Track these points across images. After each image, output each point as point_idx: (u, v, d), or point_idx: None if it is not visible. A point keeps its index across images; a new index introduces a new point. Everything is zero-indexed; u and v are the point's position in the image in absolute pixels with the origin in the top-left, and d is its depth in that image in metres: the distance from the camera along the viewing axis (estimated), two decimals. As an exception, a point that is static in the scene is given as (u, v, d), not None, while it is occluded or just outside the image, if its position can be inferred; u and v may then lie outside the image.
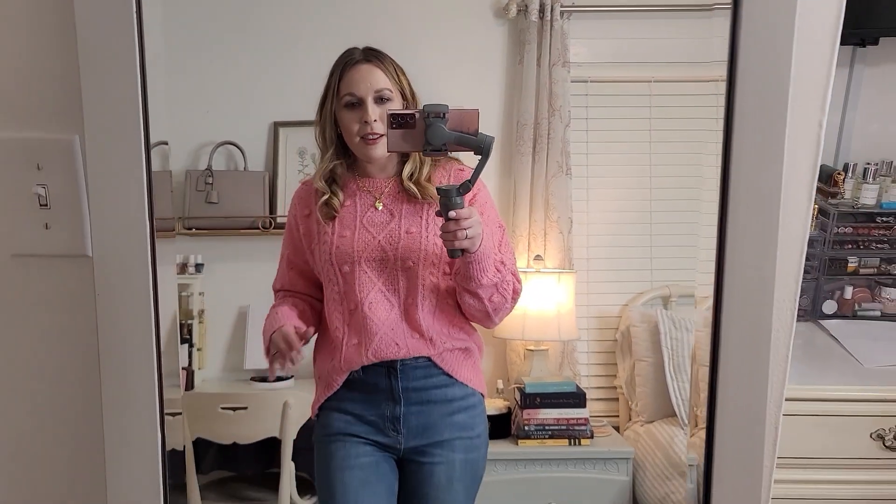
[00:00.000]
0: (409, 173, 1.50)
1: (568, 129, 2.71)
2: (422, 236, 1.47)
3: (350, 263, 1.48)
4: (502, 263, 1.48)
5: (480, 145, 1.25)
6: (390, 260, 1.48)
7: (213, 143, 2.69)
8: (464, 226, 1.32)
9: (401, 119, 1.25)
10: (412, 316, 1.48)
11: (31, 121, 0.77)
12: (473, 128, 1.25)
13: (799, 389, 1.68)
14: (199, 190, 2.64)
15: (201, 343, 2.70)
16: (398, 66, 1.53)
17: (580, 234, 2.78)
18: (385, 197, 1.52)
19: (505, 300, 1.49)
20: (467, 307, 1.49)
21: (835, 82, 0.97)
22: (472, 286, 1.43)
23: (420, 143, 1.25)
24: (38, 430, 0.94)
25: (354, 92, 1.48)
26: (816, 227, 2.10)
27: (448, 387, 1.52)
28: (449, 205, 1.31)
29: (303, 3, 2.74)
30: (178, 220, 2.63)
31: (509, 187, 2.74)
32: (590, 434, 2.40)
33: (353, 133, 1.48)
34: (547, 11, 2.70)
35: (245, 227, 2.63)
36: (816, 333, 2.07)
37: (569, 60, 2.72)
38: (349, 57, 1.52)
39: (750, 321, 1.00)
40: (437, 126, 1.23)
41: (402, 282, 1.48)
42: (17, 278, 0.84)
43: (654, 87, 2.80)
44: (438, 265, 1.49)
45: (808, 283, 2.11)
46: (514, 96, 2.74)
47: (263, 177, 2.69)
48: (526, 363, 2.60)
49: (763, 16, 0.81)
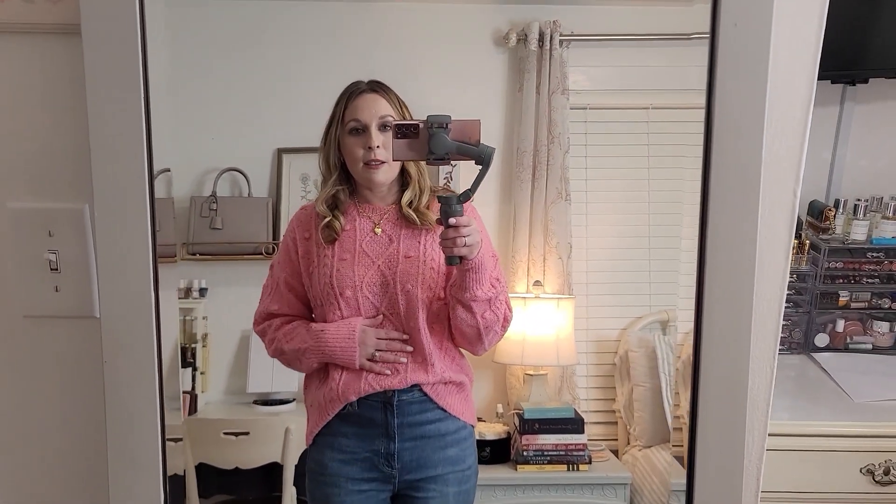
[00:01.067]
0: (408, 201, 1.57)
1: (567, 156, 2.75)
2: (419, 260, 1.53)
3: (351, 288, 1.52)
4: (497, 280, 1.54)
5: (481, 155, 1.32)
6: (390, 284, 1.52)
7: (218, 170, 2.73)
8: (463, 233, 1.39)
9: (405, 129, 1.31)
10: (414, 339, 1.53)
11: (44, 191, 0.81)
12: (475, 138, 1.31)
13: (789, 425, 1.71)
14: (204, 216, 2.68)
15: (205, 367, 2.74)
16: (401, 98, 1.61)
17: (579, 260, 2.81)
18: (384, 222, 1.57)
19: (497, 319, 1.53)
20: (459, 323, 1.53)
21: (825, 119, 1.01)
22: (467, 297, 1.47)
23: (423, 152, 1.31)
24: (47, 471, 0.98)
25: (359, 118, 1.55)
26: (808, 262, 2.14)
27: (441, 421, 1.56)
28: (449, 212, 1.37)
29: (306, 32, 2.78)
30: (183, 246, 2.67)
31: (509, 213, 2.78)
32: (587, 459, 2.43)
33: (357, 158, 1.55)
34: (546, 40, 2.74)
35: (248, 253, 2.68)
36: (808, 366, 2.10)
37: (568, 88, 2.76)
38: (355, 87, 1.61)
39: (728, 360, 1.03)
40: (440, 136, 1.29)
41: (402, 305, 1.53)
42: (29, 338, 0.88)
43: (651, 114, 2.83)
44: (436, 289, 1.54)
45: (801, 317, 2.14)
46: (514, 123, 2.78)
47: (267, 203, 2.73)
48: (525, 388, 2.62)
49: (738, 50, 0.83)
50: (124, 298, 0.84)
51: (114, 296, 0.84)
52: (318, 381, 1.59)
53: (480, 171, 1.34)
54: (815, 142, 2.10)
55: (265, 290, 1.68)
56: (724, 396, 0.90)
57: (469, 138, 1.31)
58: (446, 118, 1.30)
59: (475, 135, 1.32)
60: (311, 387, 1.62)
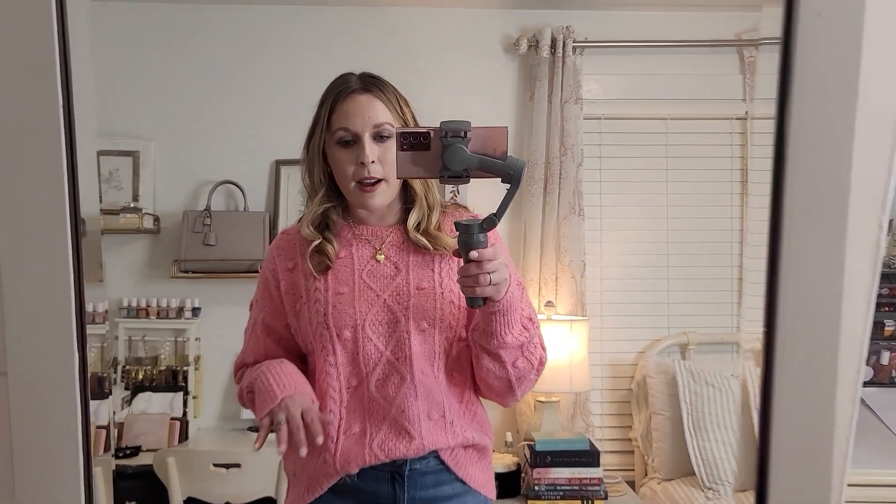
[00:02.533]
0: (415, 222, 1.27)
1: (580, 169, 2.60)
2: (436, 293, 1.23)
3: (352, 328, 1.21)
4: (530, 321, 1.22)
5: (509, 171, 1.04)
6: (400, 322, 1.21)
7: (212, 183, 2.60)
8: (487, 268, 1.09)
9: (412, 139, 1.06)
10: (430, 393, 1.22)
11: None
12: (501, 150, 1.05)
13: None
14: (197, 231, 2.54)
15: (197, 391, 2.60)
16: (401, 95, 1.29)
17: (593, 278, 2.66)
18: (387, 247, 1.27)
19: (531, 366, 1.23)
20: (486, 375, 1.23)
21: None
22: (494, 345, 1.18)
23: (436, 167, 1.05)
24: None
25: (349, 127, 1.22)
26: (849, 286, 1.97)
27: (461, 496, 1.25)
28: (470, 243, 1.09)
29: (306, 40, 2.65)
30: (175, 264, 2.53)
31: (519, 229, 2.63)
32: (603, 495, 2.26)
33: (347, 176, 1.23)
34: (559, 47, 2.60)
35: (244, 271, 2.53)
36: (850, 400, 1.93)
37: (581, 97, 2.62)
38: (344, 84, 1.26)
39: (809, 413, 0.85)
40: (457, 148, 1.04)
41: (415, 350, 1.21)
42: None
43: (670, 125, 2.69)
44: (457, 328, 1.24)
45: (840, 345, 1.98)
46: (525, 134, 2.64)
47: (263, 217, 2.59)
48: (536, 415, 2.47)
49: (821, 47, 0.64)
50: (37, 352, 0.69)
51: (25, 349, 0.69)
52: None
53: (509, 191, 1.06)
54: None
55: (245, 335, 1.36)
56: (805, 445, 0.72)
57: (493, 150, 1.05)
58: (464, 125, 1.04)
59: (501, 145, 1.05)
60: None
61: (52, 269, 0.65)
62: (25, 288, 0.67)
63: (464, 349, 1.26)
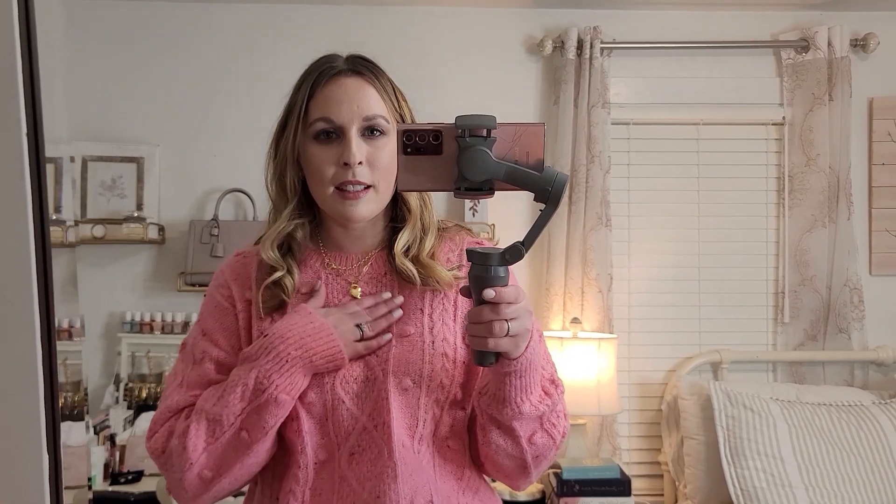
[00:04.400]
0: (404, 246, 1.01)
1: (608, 177, 2.46)
2: (424, 341, 0.98)
3: (317, 387, 0.95)
4: (552, 383, 0.98)
5: (547, 186, 0.80)
6: (378, 379, 0.96)
7: (220, 191, 2.47)
8: (505, 314, 0.83)
9: (419, 139, 0.81)
10: (414, 471, 0.95)
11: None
12: (536, 156, 0.80)
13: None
14: (204, 242, 2.42)
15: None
16: (397, 87, 1.05)
17: (621, 293, 2.52)
18: (365, 280, 1.02)
19: (551, 442, 0.98)
20: (494, 452, 0.98)
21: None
22: (507, 415, 0.93)
23: (449, 177, 0.81)
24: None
25: (331, 116, 0.98)
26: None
27: None
28: (485, 279, 0.83)
29: (317, 41, 2.52)
30: (180, 276, 2.41)
31: (542, 241, 2.49)
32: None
33: (324, 179, 0.97)
34: (586, 48, 2.46)
35: (253, 283, 2.40)
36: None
37: (609, 101, 2.48)
38: (328, 65, 1.01)
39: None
40: (478, 151, 0.79)
41: (395, 415, 0.95)
42: None
43: (702, 131, 2.55)
44: (451, 388, 0.98)
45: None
46: (549, 140, 2.50)
47: (274, 227, 2.46)
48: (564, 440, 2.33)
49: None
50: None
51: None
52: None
53: (543, 213, 0.81)
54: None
55: (169, 386, 1.02)
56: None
57: (526, 155, 0.80)
58: (488, 121, 0.79)
59: (537, 150, 0.80)
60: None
61: (14, 280, 0.52)
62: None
63: (460, 414, 1.01)
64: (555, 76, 2.53)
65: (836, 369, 2.47)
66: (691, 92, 2.56)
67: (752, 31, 2.54)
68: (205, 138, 2.50)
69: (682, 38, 2.53)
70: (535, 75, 2.57)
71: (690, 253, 2.56)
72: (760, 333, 2.56)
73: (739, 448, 2.13)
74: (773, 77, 2.55)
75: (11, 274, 0.55)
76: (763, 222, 2.57)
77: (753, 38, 2.54)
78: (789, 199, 2.52)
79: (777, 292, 2.55)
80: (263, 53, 2.51)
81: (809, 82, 2.48)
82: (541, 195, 0.81)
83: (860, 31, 2.50)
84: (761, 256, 2.57)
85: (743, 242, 2.57)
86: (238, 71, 2.50)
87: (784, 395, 2.28)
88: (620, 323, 2.51)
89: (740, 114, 2.55)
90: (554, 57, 2.53)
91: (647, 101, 2.55)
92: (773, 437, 2.13)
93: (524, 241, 0.83)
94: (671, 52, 2.54)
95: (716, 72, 2.55)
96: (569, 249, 2.47)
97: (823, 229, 2.46)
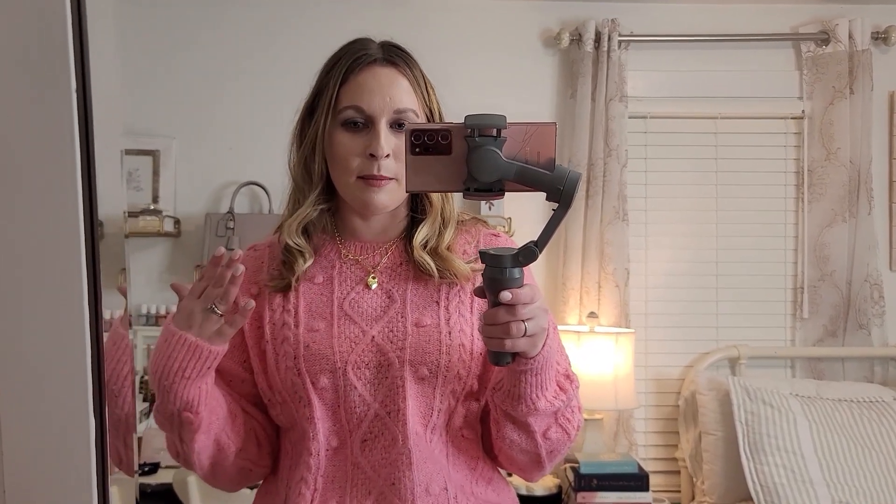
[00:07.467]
0: (423, 239, 1.01)
1: (625, 171, 2.44)
2: (441, 332, 0.97)
3: (330, 372, 0.95)
4: (567, 378, 0.97)
5: (559, 185, 0.80)
6: (394, 366, 0.96)
7: (236, 184, 2.47)
8: (522, 314, 0.83)
9: (428, 139, 0.81)
10: (428, 460, 0.96)
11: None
12: (547, 155, 0.80)
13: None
14: (220, 235, 2.41)
15: (218, 403, 2.47)
16: (428, 79, 1.04)
17: (638, 287, 2.50)
18: (382, 271, 1.02)
19: (566, 437, 0.98)
20: (508, 447, 0.98)
21: None
22: (522, 411, 0.92)
23: (458, 177, 0.81)
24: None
25: (362, 106, 0.97)
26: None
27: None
28: (500, 280, 0.83)
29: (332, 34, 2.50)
30: (196, 269, 2.41)
31: (559, 236, 2.48)
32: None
33: (349, 169, 0.97)
34: (603, 41, 2.44)
35: (268, 277, 2.39)
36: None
37: (626, 94, 2.46)
38: (363, 52, 1.00)
39: None
40: (488, 151, 0.79)
41: (410, 403, 0.96)
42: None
43: (720, 125, 2.53)
44: (467, 378, 0.98)
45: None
46: (566, 134, 2.48)
47: (289, 221, 2.45)
48: (579, 434, 2.31)
49: None
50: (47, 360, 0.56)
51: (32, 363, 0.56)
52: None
53: (556, 213, 0.81)
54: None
55: None
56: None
57: (538, 155, 0.80)
58: (498, 120, 0.79)
59: (548, 149, 0.80)
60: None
61: (66, 273, 0.52)
62: (38, 293, 0.54)
63: (475, 406, 1.02)
64: (572, 69, 2.51)
65: (856, 365, 2.45)
66: (709, 85, 2.54)
67: (772, 24, 2.52)
68: (220, 131, 2.50)
69: (700, 31, 2.51)
70: (552, 69, 2.55)
71: (708, 247, 2.54)
72: (779, 329, 2.53)
73: (759, 444, 2.11)
74: (792, 70, 2.53)
75: (61, 265, 0.55)
76: (782, 217, 2.54)
77: (773, 30, 2.52)
78: (808, 193, 2.49)
79: (796, 287, 2.53)
80: (278, 47, 2.50)
81: (830, 75, 2.46)
82: (553, 195, 0.81)
83: (881, 24, 2.47)
84: (780, 251, 2.54)
85: (761, 237, 2.54)
86: (253, 64, 2.49)
87: (804, 391, 2.26)
88: (637, 318, 2.49)
89: (759, 107, 2.53)
90: (571, 50, 2.51)
91: (665, 94, 2.54)
92: (793, 432, 2.11)
93: (537, 242, 0.83)
94: (689, 44, 2.52)
95: (734, 65, 2.53)
96: (585, 244, 2.45)
97: (843, 224, 2.44)
